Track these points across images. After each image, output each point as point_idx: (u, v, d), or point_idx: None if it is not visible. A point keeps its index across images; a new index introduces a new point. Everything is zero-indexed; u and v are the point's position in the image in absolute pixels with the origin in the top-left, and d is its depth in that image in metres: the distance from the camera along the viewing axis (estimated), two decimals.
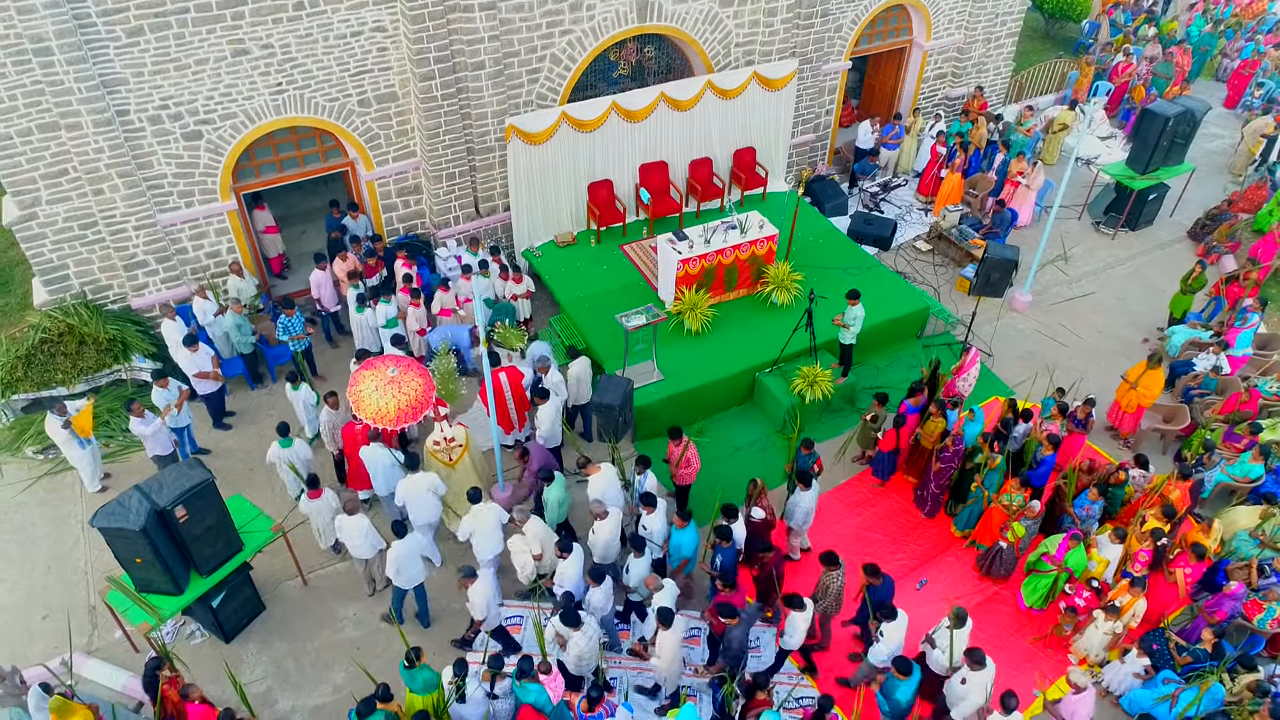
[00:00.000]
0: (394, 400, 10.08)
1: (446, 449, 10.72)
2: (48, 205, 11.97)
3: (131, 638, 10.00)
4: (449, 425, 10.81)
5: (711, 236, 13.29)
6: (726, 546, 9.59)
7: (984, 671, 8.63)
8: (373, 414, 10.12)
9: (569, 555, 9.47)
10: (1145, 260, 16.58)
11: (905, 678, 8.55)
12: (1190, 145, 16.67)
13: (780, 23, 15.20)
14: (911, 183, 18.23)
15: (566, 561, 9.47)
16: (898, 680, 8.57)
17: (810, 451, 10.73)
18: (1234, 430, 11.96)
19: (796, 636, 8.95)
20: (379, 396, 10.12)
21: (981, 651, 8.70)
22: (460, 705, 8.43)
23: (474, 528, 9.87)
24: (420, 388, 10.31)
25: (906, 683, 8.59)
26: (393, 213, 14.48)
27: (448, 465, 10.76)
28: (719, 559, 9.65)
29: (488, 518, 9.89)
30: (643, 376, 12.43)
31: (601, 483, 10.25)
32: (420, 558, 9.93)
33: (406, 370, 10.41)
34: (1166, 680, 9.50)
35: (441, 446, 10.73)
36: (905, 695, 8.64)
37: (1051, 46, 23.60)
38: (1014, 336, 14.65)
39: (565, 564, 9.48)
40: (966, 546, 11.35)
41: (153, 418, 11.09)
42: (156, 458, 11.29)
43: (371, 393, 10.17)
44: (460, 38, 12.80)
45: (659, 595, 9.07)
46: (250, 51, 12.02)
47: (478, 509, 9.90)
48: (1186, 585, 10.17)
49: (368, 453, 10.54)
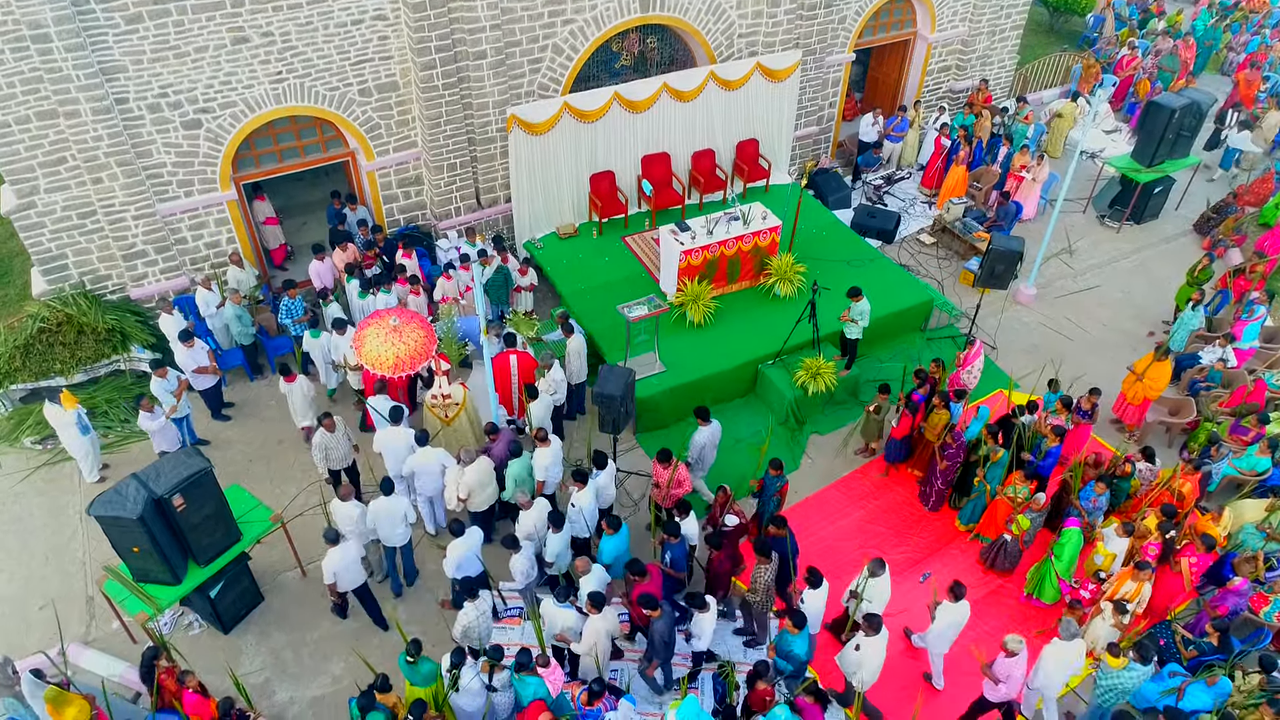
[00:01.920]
0: (393, 349, 10.33)
1: (443, 406, 10.93)
2: (46, 194, 11.90)
3: (129, 628, 9.94)
4: (448, 383, 10.94)
5: (714, 227, 13.20)
6: (675, 543, 9.51)
7: (878, 638, 8.51)
8: (371, 360, 10.37)
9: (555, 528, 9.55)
10: (1150, 254, 16.48)
11: (798, 631, 8.51)
12: (1196, 138, 16.56)
13: (784, 13, 15.10)
14: (915, 176, 18.13)
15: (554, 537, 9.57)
16: (791, 635, 8.54)
17: (779, 474, 10.22)
18: (1241, 423, 11.87)
19: (705, 639, 8.91)
20: (380, 345, 10.37)
21: (879, 618, 8.59)
22: (456, 695, 8.35)
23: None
24: (420, 339, 10.53)
25: (799, 637, 8.56)
26: (394, 204, 14.40)
27: (444, 422, 10.94)
28: (668, 555, 9.58)
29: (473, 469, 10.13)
30: (644, 368, 12.34)
31: (546, 458, 10.21)
32: (403, 519, 9.90)
33: (408, 321, 10.64)
34: (1173, 674, 9.41)
35: (439, 402, 10.92)
36: (801, 649, 8.61)
37: (1056, 40, 23.49)
38: (1018, 329, 14.55)
39: (553, 537, 9.57)
40: (971, 540, 11.27)
41: (161, 412, 11.01)
42: (164, 454, 11.19)
43: (373, 339, 10.41)
44: (461, 26, 12.71)
45: (586, 580, 8.99)
46: (250, 39, 11.94)
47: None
48: (1193, 576, 10.07)
49: (373, 402, 10.77)
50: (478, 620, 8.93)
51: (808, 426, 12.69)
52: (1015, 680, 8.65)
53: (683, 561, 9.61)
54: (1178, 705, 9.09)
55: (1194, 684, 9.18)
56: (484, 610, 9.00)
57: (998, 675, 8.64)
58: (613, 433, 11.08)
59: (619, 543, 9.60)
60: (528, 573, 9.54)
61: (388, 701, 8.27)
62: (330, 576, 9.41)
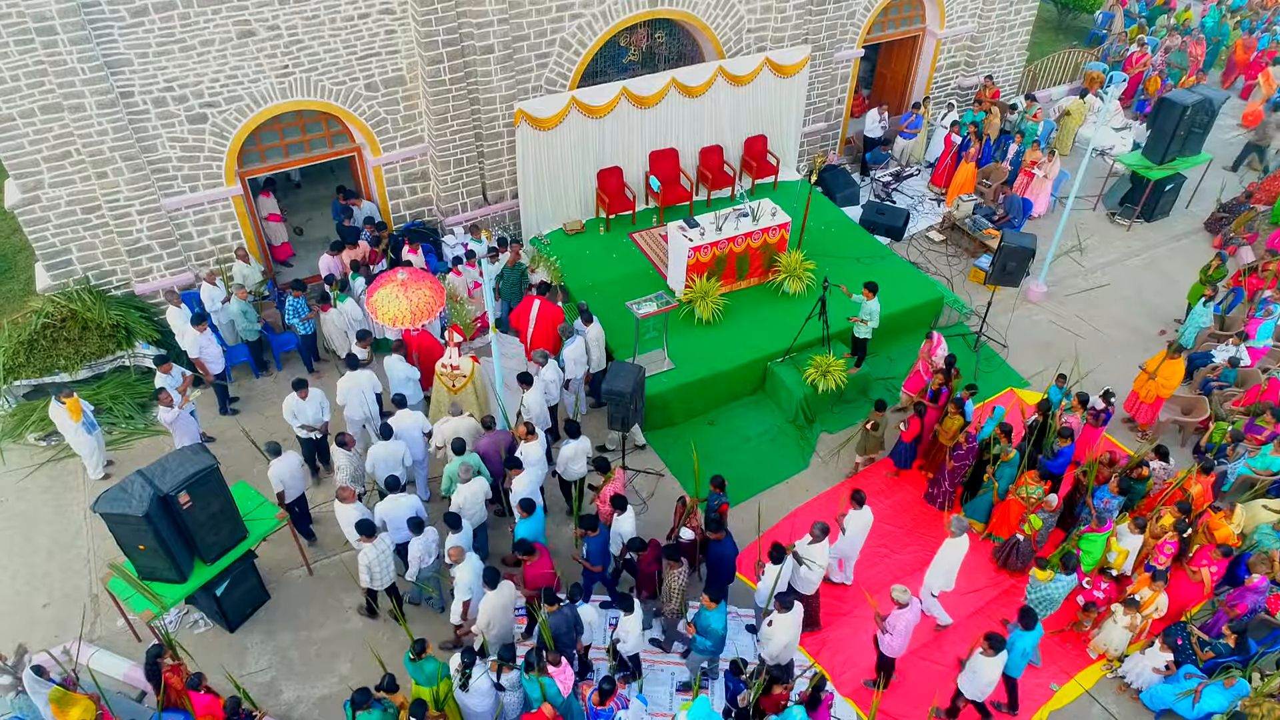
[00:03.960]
0: (405, 302, 10.48)
1: (451, 375, 11.26)
2: (51, 188, 11.81)
3: (134, 626, 9.85)
4: (458, 354, 11.25)
5: (723, 224, 13.10)
6: (593, 536, 9.45)
7: (790, 614, 8.61)
8: (391, 318, 10.50)
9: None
10: (1161, 251, 16.36)
11: (715, 606, 8.58)
12: (1208, 135, 16.44)
13: (793, 8, 14.98)
14: (924, 173, 18.01)
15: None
16: (709, 611, 8.58)
17: (720, 491, 9.92)
18: (1256, 422, 11.75)
19: (629, 642, 8.88)
20: (393, 301, 10.49)
21: (791, 597, 8.70)
22: (465, 694, 8.26)
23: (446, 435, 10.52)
24: (428, 294, 10.66)
25: (716, 612, 8.60)
26: (400, 199, 14.30)
27: (451, 391, 11.33)
28: (586, 548, 9.54)
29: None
30: (653, 365, 12.25)
31: (536, 452, 10.42)
32: (401, 463, 10.33)
33: (416, 278, 10.82)
34: (1189, 675, 9.32)
35: (447, 372, 11.26)
36: (718, 624, 8.66)
37: (1065, 37, 23.35)
38: (1029, 327, 14.44)
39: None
40: (983, 539, 11.16)
41: (178, 405, 10.92)
42: (181, 447, 11.05)
43: (386, 298, 10.52)
44: (469, 20, 12.61)
45: (460, 569, 9.02)
46: (256, 33, 11.84)
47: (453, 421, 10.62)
48: (1211, 582, 9.97)
49: (389, 361, 11.32)
50: (378, 559, 9.27)
51: (817, 425, 12.58)
52: (903, 631, 8.86)
53: (598, 556, 9.55)
54: (1194, 707, 9.02)
55: (1211, 685, 9.10)
56: (383, 550, 9.31)
57: (888, 627, 8.88)
58: (622, 429, 11.00)
59: (535, 524, 9.65)
60: (423, 557, 9.60)
61: (396, 701, 8.19)
62: (279, 485, 10.01)
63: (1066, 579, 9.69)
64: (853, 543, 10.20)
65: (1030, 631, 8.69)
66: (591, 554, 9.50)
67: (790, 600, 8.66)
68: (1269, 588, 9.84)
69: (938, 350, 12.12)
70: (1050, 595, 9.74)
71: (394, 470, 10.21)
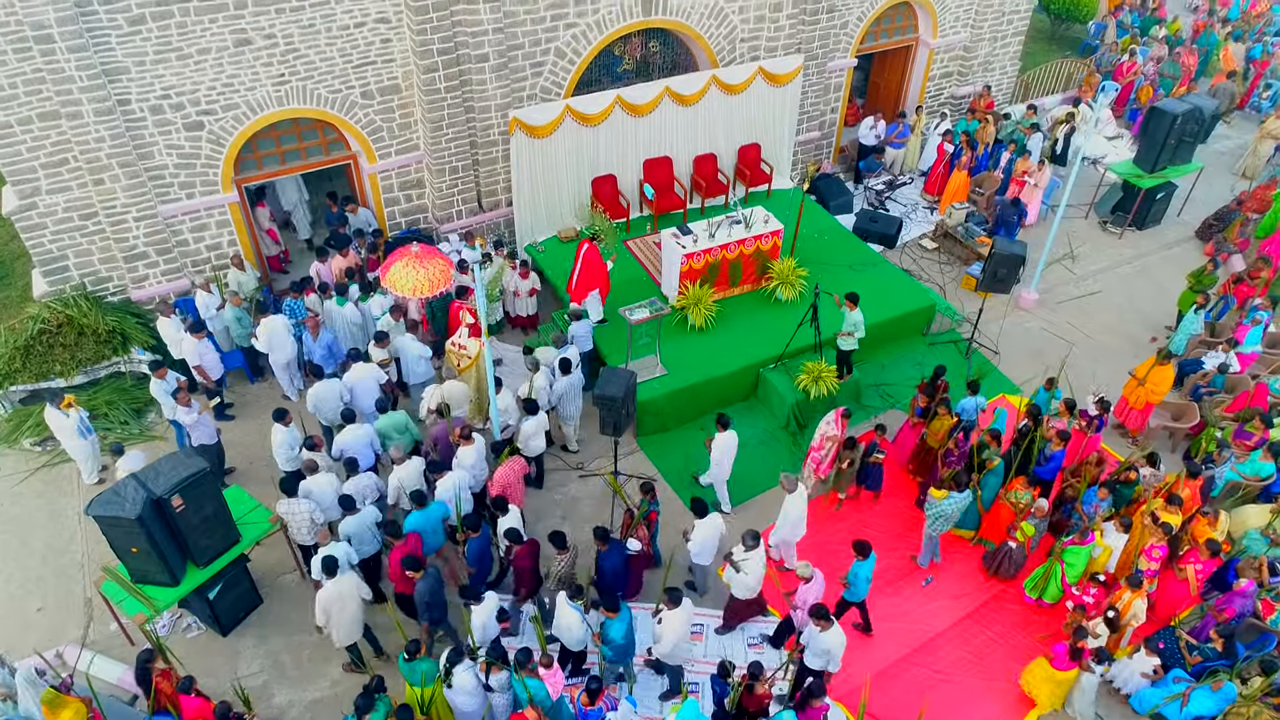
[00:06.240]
0: (423, 272, 10.86)
1: (458, 355, 11.78)
2: (48, 195, 11.90)
3: (127, 630, 9.88)
4: (468, 335, 11.70)
5: (716, 231, 13.18)
6: (475, 537, 9.57)
7: (680, 610, 8.71)
8: (411, 288, 10.84)
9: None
10: (1153, 259, 16.46)
11: (615, 615, 8.64)
12: (1198, 144, 16.54)
13: (786, 18, 15.12)
14: (917, 181, 18.12)
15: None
16: (610, 620, 8.67)
17: (652, 499, 10.15)
18: (1245, 428, 11.81)
19: (575, 635, 8.98)
20: (411, 272, 10.81)
21: (680, 592, 8.78)
22: (451, 692, 8.29)
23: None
24: (442, 265, 11.08)
25: (617, 621, 8.66)
26: (395, 206, 14.39)
27: (457, 370, 11.85)
28: (469, 548, 9.64)
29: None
30: (646, 371, 12.31)
31: (470, 457, 10.52)
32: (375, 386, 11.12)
33: (427, 252, 11.17)
34: (1177, 679, 9.36)
35: (455, 350, 11.80)
36: (618, 633, 8.71)
37: (1058, 47, 23.49)
38: (1020, 335, 14.52)
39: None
40: (973, 544, 11.21)
41: (197, 406, 10.97)
42: (201, 447, 11.09)
43: (403, 270, 10.83)
44: (464, 30, 12.72)
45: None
46: (253, 41, 11.95)
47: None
48: (1198, 582, 10.01)
49: (401, 341, 11.88)
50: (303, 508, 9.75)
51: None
52: (810, 602, 9.00)
53: (475, 558, 9.65)
54: (1182, 711, 9.05)
55: (1198, 689, 9.13)
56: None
57: (796, 601, 9.25)
58: (614, 435, 11.04)
59: (419, 519, 9.76)
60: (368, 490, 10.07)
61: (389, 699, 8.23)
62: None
63: (960, 496, 10.39)
64: (719, 465, 10.89)
65: (866, 560, 9.43)
66: (470, 555, 9.60)
67: (679, 595, 8.75)
68: (1257, 592, 9.88)
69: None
70: (945, 512, 10.46)
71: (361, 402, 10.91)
